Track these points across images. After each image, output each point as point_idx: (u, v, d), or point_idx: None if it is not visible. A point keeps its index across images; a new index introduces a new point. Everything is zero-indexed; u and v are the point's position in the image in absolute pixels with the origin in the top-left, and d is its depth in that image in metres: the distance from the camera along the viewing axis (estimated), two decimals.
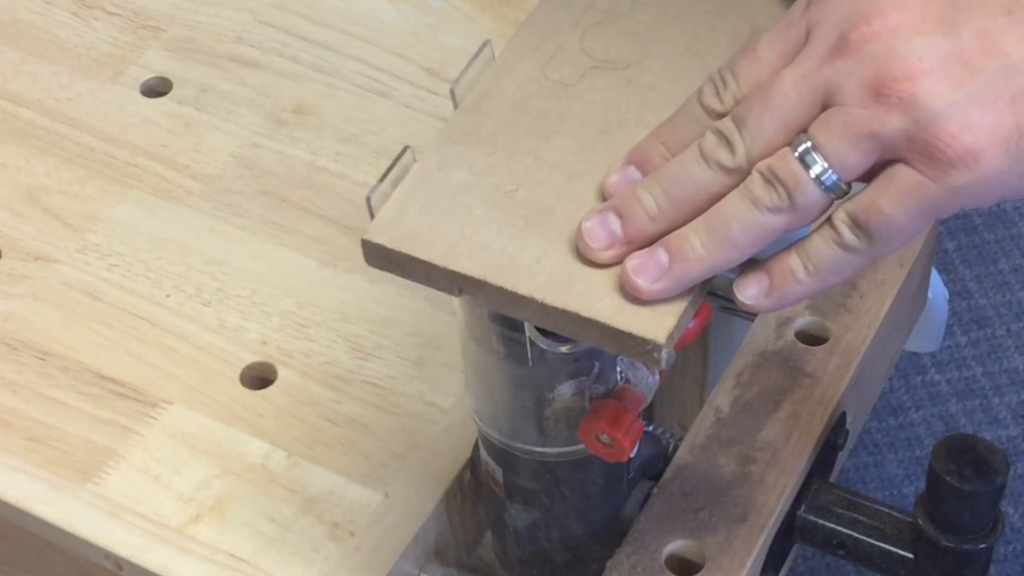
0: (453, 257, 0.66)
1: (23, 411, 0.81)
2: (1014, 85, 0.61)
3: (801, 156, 0.63)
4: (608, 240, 0.66)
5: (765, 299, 0.65)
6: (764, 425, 0.79)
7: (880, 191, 0.62)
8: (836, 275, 0.64)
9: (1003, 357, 1.33)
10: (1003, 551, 1.20)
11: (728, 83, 0.67)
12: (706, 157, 0.65)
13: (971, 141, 0.61)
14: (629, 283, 0.65)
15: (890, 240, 0.63)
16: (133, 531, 0.76)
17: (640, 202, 0.66)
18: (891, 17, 0.62)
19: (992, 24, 0.61)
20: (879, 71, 0.62)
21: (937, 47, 0.61)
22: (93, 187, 0.90)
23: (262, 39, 0.97)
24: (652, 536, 0.75)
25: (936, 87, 0.61)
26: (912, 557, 0.77)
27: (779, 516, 0.77)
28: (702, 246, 0.65)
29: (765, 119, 0.64)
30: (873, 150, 0.62)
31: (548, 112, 0.71)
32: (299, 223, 0.88)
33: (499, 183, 0.69)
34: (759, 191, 0.64)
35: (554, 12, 0.75)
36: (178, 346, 0.83)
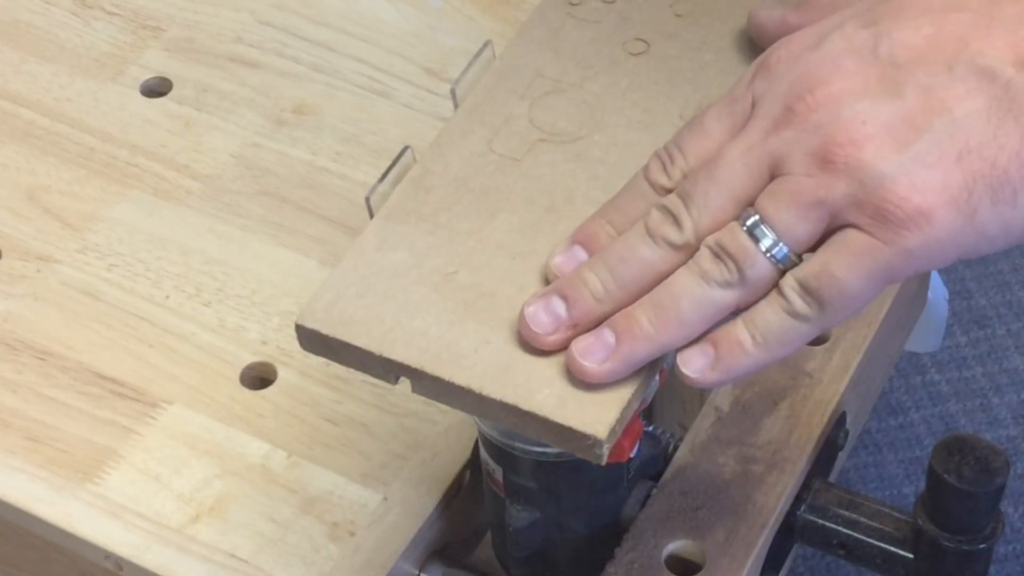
0: (389, 344, 0.64)
1: (23, 411, 0.81)
2: (959, 142, 0.60)
3: (750, 229, 0.62)
4: (553, 325, 0.64)
5: (711, 372, 0.63)
6: (764, 425, 0.79)
7: (832, 255, 0.61)
8: (785, 345, 0.62)
9: (1003, 357, 1.33)
10: (1003, 551, 1.20)
11: (675, 158, 0.66)
12: (652, 234, 0.64)
13: (920, 201, 0.60)
14: (575, 366, 0.63)
15: (842, 307, 0.61)
16: (133, 531, 0.76)
17: (586, 284, 0.64)
18: (834, 85, 0.62)
19: (934, 81, 0.61)
20: (824, 138, 0.61)
21: (881, 110, 0.61)
22: (93, 187, 0.90)
23: (262, 39, 0.97)
24: (652, 536, 0.75)
25: (881, 149, 0.60)
26: (912, 557, 0.77)
27: (779, 516, 0.77)
28: (650, 324, 0.63)
29: (712, 192, 0.63)
30: (822, 218, 0.61)
31: (493, 189, 0.70)
32: (299, 223, 0.88)
33: (439, 265, 0.67)
34: (708, 266, 0.62)
35: (502, 81, 0.74)
36: (178, 346, 0.83)
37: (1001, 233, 0.61)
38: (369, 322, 0.65)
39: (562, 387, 0.63)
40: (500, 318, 0.65)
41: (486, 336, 0.65)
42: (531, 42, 0.76)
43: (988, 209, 0.60)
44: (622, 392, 0.63)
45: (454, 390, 0.64)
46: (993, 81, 0.60)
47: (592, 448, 0.62)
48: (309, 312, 0.66)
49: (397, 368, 0.65)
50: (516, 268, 0.67)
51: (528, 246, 0.68)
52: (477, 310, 0.66)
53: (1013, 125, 0.60)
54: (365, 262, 0.68)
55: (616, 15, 0.76)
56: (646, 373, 0.64)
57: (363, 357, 0.65)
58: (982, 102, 0.60)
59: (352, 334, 0.65)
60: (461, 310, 0.66)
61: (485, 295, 0.66)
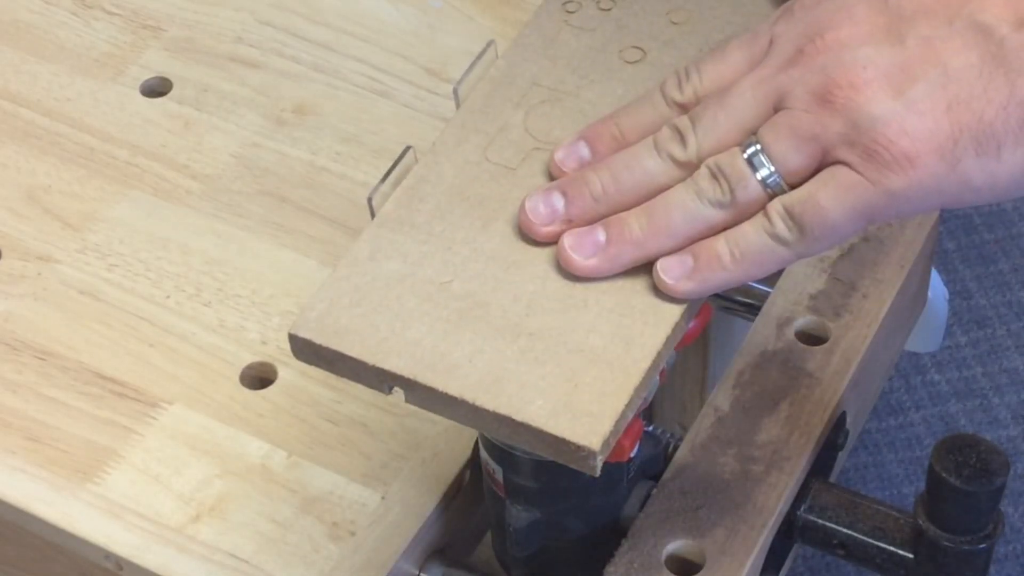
0: (383, 354, 0.65)
1: (23, 411, 0.81)
2: (951, 93, 0.63)
3: (750, 157, 0.66)
4: (549, 217, 0.68)
5: (687, 281, 0.66)
6: (764, 425, 0.79)
7: (819, 187, 0.64)
8: (760, 265, 0.66)
9: (1003, 357, 1.33)
10: (1003, 551, 1.20)
11: (691, 77, 0.70)
12: (659, 148, 0.68)
13: (907, 145, 0.63)
14: (563, 255, 0.67)
15: (821, 236, 0.65)
16: (133, 531, 0.76)
17: (587, 183, 0.68)
18: (843, 31, 0.65)
19: (934, 34, 0.64)
20: (826, 79, 0.65)
21: (882, 56, 0.64)
22: (93, 187, 0.90)
23: (262, 39, 0.97)
24: (652, 536, 0.75)
25: (877, 94, 0.64)
26: (912, 557, 0.77)
27: (779, 516, 0.77)
28: (640, 230, 0.66)
29: (720, 117, 0.67)
30: (815, 153, 0.65)
31: (487, 198, 0.70)
32: (299, 223, 0.88)
33: (433, 274, 0.67)
34: (704, 184, 0.66)
35: (498, 89, 0.74)
36: (178, 346, 0.83)
37: (987, 184, 0.63)
38: (363, 332, 0.65)
39: (556, 398, 0.63)
40: (494, 328, 0.66)
41: (480, 346, 0.65)
42: (527, 50, 0.76)
43: (972, 160, 0.63)
44: (616, 403, 0.64)
45: (447, 400, 0.64)
46: (989, 37, 0.63)
47: (586, 459, 0.62)
48: (302, 322, 0.66)
49: (390, 378, 0.65)
50: (510, 278, 0.67)
51: (522, 256, 0.68)
52: (471, 320, 0.66)
53: (1003, 81, 0.62)
54: (359, 271, 0.68)
55: (612, 23, 0.77)
56: (636, 394, 0.64)
57: (356, 367, 0.65)
58: (976, 57, 0.63)
59: (346, 344, 0.65)
60: (455, 320, 0.66)
61: (479, 305, 0.66)
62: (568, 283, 0.67)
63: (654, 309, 0.66)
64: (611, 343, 0.65)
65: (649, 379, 0.65)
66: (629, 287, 0.67)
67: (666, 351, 0.66)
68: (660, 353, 0.65)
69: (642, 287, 0.67)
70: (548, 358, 0.65)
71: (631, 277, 0.67)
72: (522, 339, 0.65)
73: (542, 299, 0.67)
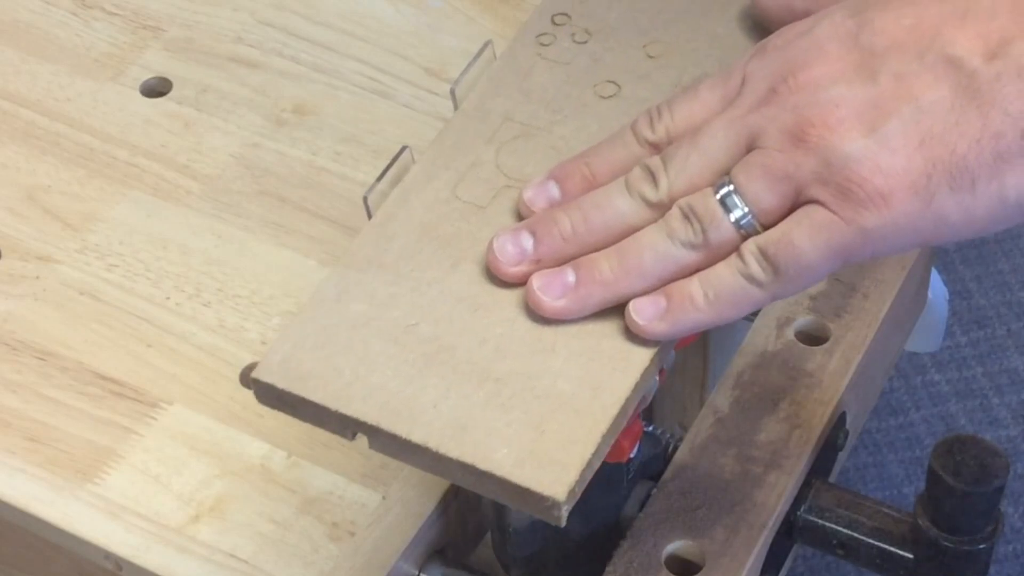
0: (346, 399, 0.63)
1: (23, 411, 0.81)
2: (923, 128, 0.62)
3: (723, 198, 0.65)
4: (517, 257, 0.67)
5: (659, 322, 0.65)
6: (764, 425, 0.79)
7: (794, 226, 0.64)
8: (734, 307, 0.65)
9: (1003, 357, 1.33)
10: (1003, 551, 1.20)
11: (663, 115, 0.69)
12: (630, 188, 0.67)
13: (881, 183, 0.62)
14: (532, 297, 0.66)
15: (796, 276, 0.64)
16: (133, 531, 0.76)
17: (556, 223, 0.67)
18: (815, 70, 0.65)
19: (906, 69, 0.63)
20: (799, 118, 0.64)
21: (855, 94, 0.64)
22: (93, 187, 0.90)
23: (262, 39, 0.97)
24: (651, 536, 0.75)
25: (850, 132, 0.63)
26: (912, 557, 0.77)
27: (779, 516, 0.77)
28: (610, 270, 0.66)
29: (692, 157, 0.66)
30: (788, 192, 0.64)
31: (457, 237, 0.69)
32: (299, 223, 0.88)
33: (400, 316, 0.66)
34: (676, 224, 0.65)
35: (470, 123, 0.73)
36: (178, 346, 0.83)
37: (963, 220, 0.63)
38: (326, 376, 0.64)
39: (521, 446, 0.62)
40: (460, 372, 0.64)
41: (445, 391, 0.64)
42: (500, 84, 0.75)
43: (946, 195, 0.62)
44: (583, 451, 0.62)
45: (411, 447, 0.63)
46: (960, 70, 0.62)
47: (550, 510, 0.61)
48: (265, 365, 0.65)
49: (354, 424, 0.63)
50: (477, 320, 0.66)
51: (490, 298, 0.67)
52: (437, 364, 0.65)
53: (975, 114, 0.62)
54: (324, 312, 0.66)
55: (587, 56, 0.76)
56: (607, 433, 0.63)
57: (319, 412, 0.64)
58: (947, 90, 0.62)
59: (309, 389, 0.64)
60: (421, 364, 0.65)
61: (445, 348, 0.65)
62: (537, 326, 0.66)
63: (624, 354, 0.65)
64: (579, 389, 0.64)
65: (617, 426, 0.64)
66: (599, 330, 0.66)
67: (635, 397, 0.65)
68: (629, 399, 0.64)
69: (612, 330, 0.66)
70: (515, 404, 0.64)
71: (601, 320, 0.66)
72: (489, 384, 0.64)
73: (510, 342, 0.65)
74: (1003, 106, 0.61)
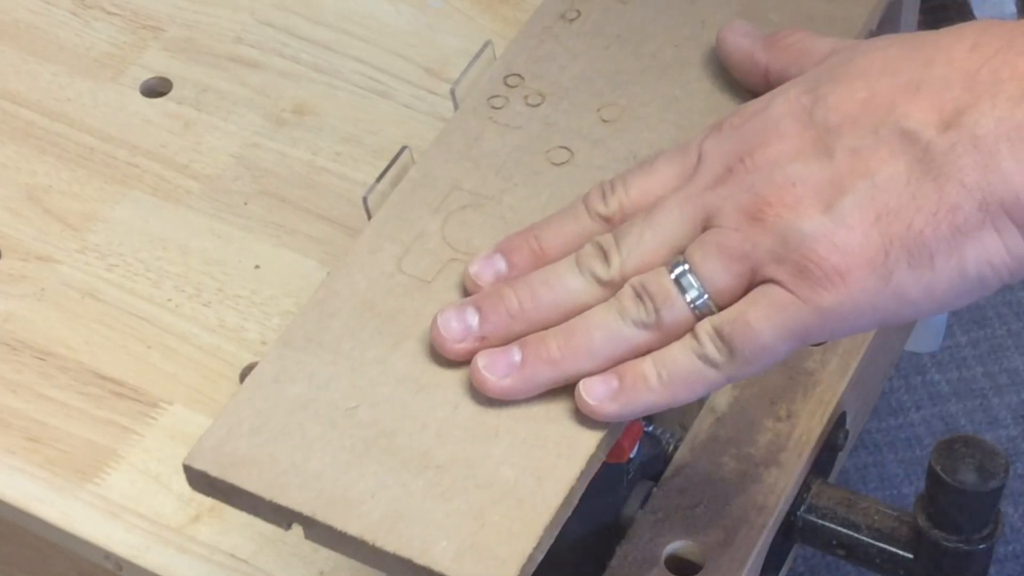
0: (281, 488, 0.61)
1: (23, 411, 0.81)
2: (879, 204, 0.61)
3: (677, 278, 0.63)
4: (462, 333, 0.65)
5: (610, 403, 0.63)
6: (764, 425, 0.79)
7: (749, 306, 0.62)
8: (689, 388, 0.63)
9: (1003, 357, 1.32)
10: (1003, 551, 1.20)
11: (617, 189, 0.67)
12: (581, 265, 0.65)
13: (838, 261, 0.61)
14: (476, 376, 0.64)
15: (752, 357, 0.62)
16: (133, 531, 0.76)
17: (503, 299, 0.65)
18: (771, 148, 0.64)
19: (861, 144, 0.62)
20: (755, 197, 0.63)
21: (811, 171, 0.62)
22: (93, 187, 0.90)
23: (262, 39, 0.97)
24: (651, 536, 0.75)
25: (807, 210, 0.61)
26: (912, 557, 0.77)
27: (779, 516, 0.77)
28: (558, 349, 0.64)
29: (645, 235, 0.65)
30: (744, 272, 0.63)
31: (400, 313, 0.67)
32: (299, 223, 0.88)
33: (339, 399, 0.64)
34: (628, 303, 0.64)
35: (417, 192, 0.71)
36: (178, 346, 0.83)
37: (923, 297, 0.61)
38: (261, 463, 0.62)
39: (461, 538, 0.60)
40: (399, 459, 0.62)
41: (384, 480, 0.62)
42: (449, 150, 0.73)
43: (905, 272, 0.60)
44: (524, 545, 0.61)
45: (347, 540, 0.61)
46: (915, 143, 0.61)
47: None
48: (198, 451, 0.63)
49: (288, 514, 0.62)
50: (419, 403, 0.64)
51: (433, 378, 0.65)
52: (376, 450, 0.63)
53: (931, 187, 0.60)
54: (261, 395, 0.64)
55: (540, 120, 0.74)
56: (551, 524, 0.61)
57: (253, 501, 0.62)
58: (903, 165, 0.61)
59: (242, 477, 0.62)
60: (359, 450, 0.63)
61: (385, 433, 0.63)
62: (480, 409, 0.64)
63: (569, 440, 0.63)
64: (522, 477, 0.62)
65: (562, 516, 0.62)
66: (543, 414, 0.64)
67: (580, 486, 0.63)
68: (573, 489, 0.62)
69: (557, 414, 0.64)
70: (455, 493, 0.62)
71: (546, 403, 0.64)
72: (429, 472, 0.62)
73: (452, 427, 0.63)
74: (959, 178, 0.60)
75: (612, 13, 0.78)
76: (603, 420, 0.64)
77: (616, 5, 0.78)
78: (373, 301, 0.67)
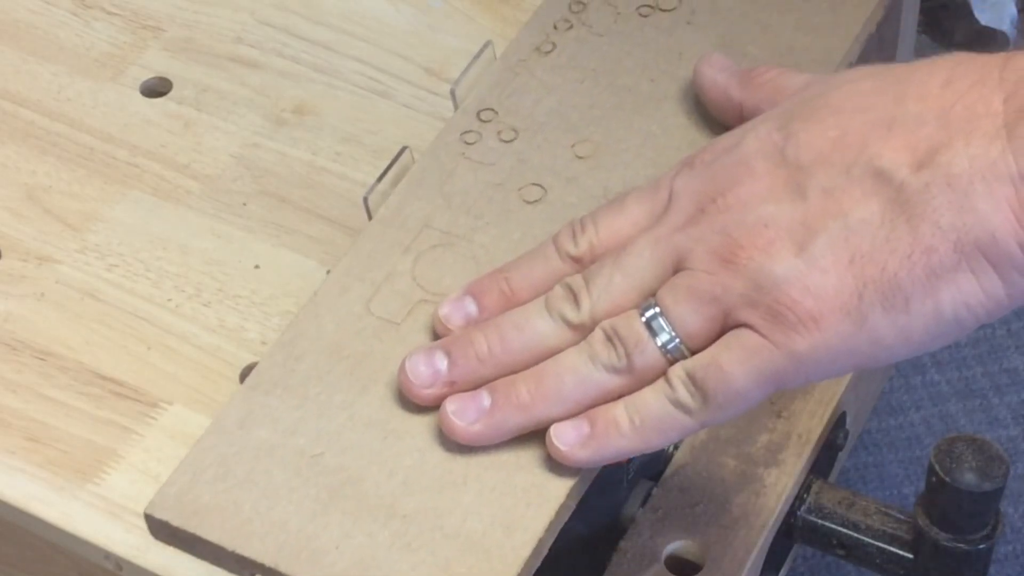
0: (244, 538, 0.60)
1: (23, 411, 0.81)
2: (852, 246, 0.60)
3: (648, 321, 0.62)
4: (431, 378, 0.64)
5: (581, 449, 0.63)
6: (764, 425, 0.79)
7: (723, 351, 0.61)
8: (661, 434, 0.62)
9: (1003, 357, 1.33)
10: (1003, 551, 1.20)
11: (587, 228, 0.66)
12: (550, 308, 0.64)
13: (812, 305, 0.60)
14: (446, 422, 0.63)
15: (725, 402, 0.61)
16: (133, 531, 0.76)
17: (472, 344, 0.64)
18: (743, 188, 0.62)
19: (833, 184, 0.61)
20: (727, 239, 0.61)
21: (783, 213, 0.61)
22: (93, 187, 0.90)
23: (262, 39, 0.97)
24: (652, 536, 0.75)
25: (780, 252, 0.60)
26: (912, 557, 0.77)
27: (779, 516, 0.77)
28: (528, 394, 0.63)
29: (616, 278, 0.64)
30: (716, 316, 0.62)
31: (368, 356, 0.66)
32: (299, 223, 0.88)
33: (305, 445, 0.63)
34: (599, 348, 0.63)
35: (388, 231, 0.70)
36: (178, 346, 0.83)
37: (899, 341, 0.60)
38: (225, 512, 0.61)
39: None
40: (365, 508, 0.62)
41: (349, 529, 0.61)
42: (421, 187, 0.72)
43: (880, 315, 0.59)
44: None
45: None
46: (888, 183, 0.60)
47: None
48: (159, 499, 0.62)
49: (251, 565, 0.61)
50: (387, 449, 0.63)
51: (400, 424, 0.64)
52: (341, 499, 0.62)
53: (905, 228, 0.59)
54: (226, 440, 0.64)
55: (513, 156, 0.73)
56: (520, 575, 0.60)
57: (216, 551, 0.61)
58: (876, 205, 0.60)
59: (204, 526, 0.61)
60: (325, 498, 0.62)
61: (351, 481, 0.62)
62: (448, 456, 0.63)
63: (538, 488, 0.62)
64: (490, 527, 0.61)
65: (531, 567, 0.61)
66: (513, 462, 0.63)
67: (549, 536, 0.62)
68: (542, 540, 0.62)
69: (527, 461, 0.63)
70: (421, 544, 0.61)
71: (515, 451, 0.63)
72: (395, 522, 0.61)
73: (419, 475, 0.63)
74: (933, 219, 0.58)
75: (588, 46, 0.77)
76: (574, 466, 0.63)
77: (592, 38, 0.77)
78: (341, 344, 0.66)
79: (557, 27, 0.78)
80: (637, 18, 0.77)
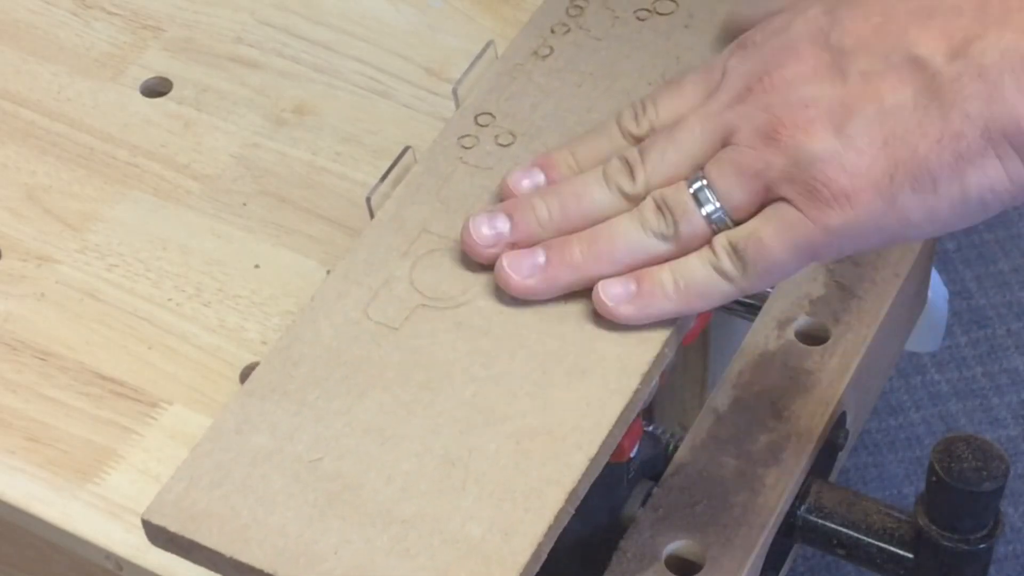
0: (242, 544, 0.60)
1: (23, 411, 0.81)
2: (886, 129, 0.63)
3: (695, 192, 0.66)
4: (493, 239, 0.68)
5: (627, 305, 0.66)
6: (764, 425, 0.79)
7: (762, 223, 0.65)
8: (703, 298, 0.66)
9: (1003, 357, 1.33)
10: (1003, 551, 1.20)
11: (647, 109, 0.70)
12: (608, 179, 0.68)
13: (846, 183, 0.63)
14: (501, 274, 0.67)
15: (764, 272, 0.65)
16: (133, 531, 0.76)
17: (533, 209, 0.68)
18: (788, 69, 0.66)
19: (872, 69, 0.64)
20: (771, 118, 0.65)
21: (824, 94, 0.64)
22: (93, 187, 0.90)
23: (262, 39, 0.97)
24: (652, 536, 0.75)
25: (819, 132, 0.64)
26: (912, 557, 0.77)
27: (779, 516, 0.77)
28: (581, 255, 0.67)
29: (669, 151, 0.67)
30: (758, 189, 0.65)
31: (366, 362, 0.66)
32: (299, 223, 0.88)
33: (303, 451, 0.63)
34: (649, 215, 0.67)
35: (385, 235, 0.70)
36: (178, 346, 0.83)
37: (926, 219, 0.63)
38: (222, 517, 0.61)
39: None
40: (364, 513, 0.61)
41: (347, 535, 0.60)
42: (418, 191, 0.72)
43: (909, 195, 0.63)
44: None
45: None
46: (923, 70, 0.63)
47: None
48: (157, 505, 0.62)
49: (248, 571, 0.60)
50: (385, 455, 0.63)
51: (399, 429, 0.64)
52: (340, 504, 0.61)
53: (937, 114, 0.62)
54: (223, 446, 0.63)
55: (510, 160, 0.73)
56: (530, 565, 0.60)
57: (213, 557, 0.61)
58: (911, 91, 0.63)
59: (202, 532, 0.61)
60: (323, 504, 0.61)
61: (350, 487, 0.62)
62: (447, 461, 0.63)
63: (537, 493, 0.62)
64: (489, 532, 0.61)
65: (529, 572, 0.61)
66: (512, 466, 0.63)
67: (548, 541, 0.62)
68: (541, 545, 0.62)
69: (526, 467, 0.63)
70: (420, 550, 0.60)
71: (514, 455, 0.63)
72: (394, 527, 0.61)
73: (418, 480, 0.62)
74: (963, 107, 0.62)
75: (585, 50, 0.77)
76: (619, 321, 0.66)
77: (590, 41, 0.78)
78: (338, 349, 0.67)
79: (555, 31, 0.78)
80: (635, 22, 0.78)
